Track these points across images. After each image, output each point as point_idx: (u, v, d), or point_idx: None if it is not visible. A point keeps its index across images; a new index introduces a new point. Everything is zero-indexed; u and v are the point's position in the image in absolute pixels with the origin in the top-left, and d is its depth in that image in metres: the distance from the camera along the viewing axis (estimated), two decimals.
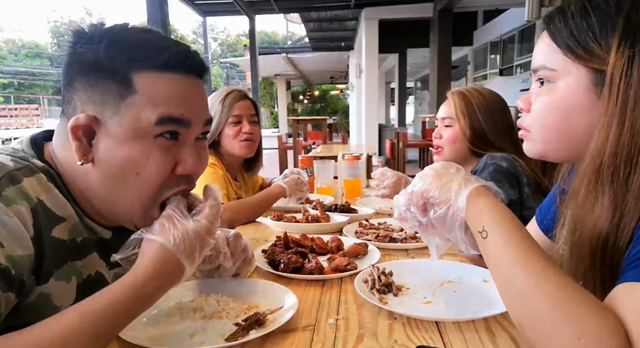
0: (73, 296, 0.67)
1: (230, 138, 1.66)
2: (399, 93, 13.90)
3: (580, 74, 0.62)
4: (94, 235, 0.72)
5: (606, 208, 0.59)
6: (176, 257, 0.62)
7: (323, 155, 4.21)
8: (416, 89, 20.93)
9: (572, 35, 0.61)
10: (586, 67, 0.61)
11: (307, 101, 26.25)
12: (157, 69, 0.64)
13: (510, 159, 1.38)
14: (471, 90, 1.50)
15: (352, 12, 8.83)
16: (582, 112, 0.62)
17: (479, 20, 10.50)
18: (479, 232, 0.62)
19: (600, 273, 0.62)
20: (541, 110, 0.68)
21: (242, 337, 0.69)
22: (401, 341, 0.69)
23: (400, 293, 0.87)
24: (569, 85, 0.63)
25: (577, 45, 0.61)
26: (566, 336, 0.49)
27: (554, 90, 0.65)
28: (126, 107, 0.63)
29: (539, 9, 3.72)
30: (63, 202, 0.66)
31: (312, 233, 1.24)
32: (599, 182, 0.60)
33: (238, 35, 51.07)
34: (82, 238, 0.68)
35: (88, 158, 0.65)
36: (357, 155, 2.01)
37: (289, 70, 17.58)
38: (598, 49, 0.59)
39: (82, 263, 0.68)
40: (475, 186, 0.65)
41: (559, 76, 0.64)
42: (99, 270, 0.72)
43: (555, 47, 0.64)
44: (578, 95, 0.62)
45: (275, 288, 0.87)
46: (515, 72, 8.68)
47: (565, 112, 0.64)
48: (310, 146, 7.84)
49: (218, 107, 1.65)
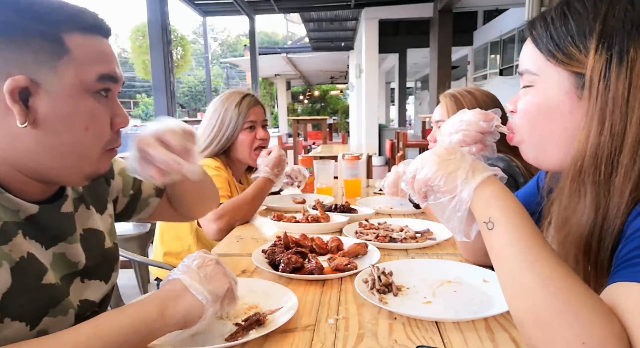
0: (9, 280, 0.63)
1: (244, 144, 1.65)
2: (399, 93, 13.90)
3: (561, 77, 0.63)
4: (16, 216, 0.68)
5: (588, 209, 0.60)
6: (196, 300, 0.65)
7: (323, 155, 4.22)
8: (416, 89, 20.93)
9: (552, 40, 0.63)
10: (567, 71, 0.62)
11: (307, 101, 26.25)
12: (83, 31, 0.67)
13: (507, 159, 1.38)
14: (463, 92, 1.50)
15: (352, 12, 8.83)
16: (564, 115, 0.63)
17: (479, 20, 10.50)
18: (484, 222, 0.60)
19: (584, 272, 0.62)
20: (526, 111, 0.69)
21: (242, 337, 0.69)
22: (401, 341, 0.69)
23: (400, 293, 0.87)
24: (551, 89, 0.64)
25: (557, 49, 0.63)
26: (570, 340, 0.49)
27: (538, 93, 0.66)
28: (64, 64, 0.65)
29: (539, 9, 3.72)
30: None
31: (312, 233, 1.24)
32: (581, 182, 0.61)
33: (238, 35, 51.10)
34: (2, 222, 0.65)
35: (29, 120, 0.64)
36: (357, 155, 2.01)
37: (289, 70, 17.57)
38: (577, 53, 0.61)
39: (10, 247, 0.65)
40: (484, 177, 0.62)
41: (542, 80, 0.66)
42: (29, 250, 0.68)
43: (538, 52, 0.66)
44: (560, 98, 0.63)
45: (276, 288, 0.87)
46: (515, 72, 8.67)
47: (547, 115, 0.65)
48: (310, 146, 7.85)
49: (233, 111, 1.62)
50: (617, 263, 0.54)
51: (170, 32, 6.03)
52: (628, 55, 0.57)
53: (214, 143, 1.63)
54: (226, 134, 1.62)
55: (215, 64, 37.89)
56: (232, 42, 50.07)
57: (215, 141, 1.63)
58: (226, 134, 1.62)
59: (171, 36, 6.22)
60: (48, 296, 0.69)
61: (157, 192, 1.07)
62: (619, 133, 0.57)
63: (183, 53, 11.59)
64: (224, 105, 1.64)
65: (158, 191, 1.08)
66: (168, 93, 5.88)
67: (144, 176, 0.79)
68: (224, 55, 44.92)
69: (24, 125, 0.63)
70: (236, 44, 47.75)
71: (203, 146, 1.62)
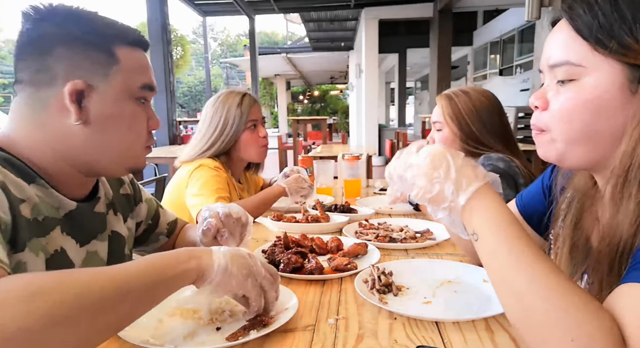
0: (43, 270, 0.68)
1: (248, 143, 1.65)
2: (399, 93, 13.89)
3: (613, 70, 0.56)
4: (56, 212, 0.74)
5: (632, 213, 0.55)
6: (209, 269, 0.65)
7: (323, 155, 4.21)
8: (416, 89, 20.93)
9: (602, 27, 0.56)
10: (620, 62, 0.55)
11: (307, 101, 26.24)
12: (129, 44, 0.79)
13: (506, 159, 1.38)
14: (458, 93, 1.49)
15: (352, 12, 8.83)
16: (614, 112, 0.57)
17: (479, 20, 10.50)
18: (471, 235, 0.61)
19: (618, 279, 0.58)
20: (565, 109, 0.61)
21: (242, 336, 0.69)
22: (401, 341, 0.69)
23: (400, 293, 0.87)
24: (600, 82, 0.57)
25: (610, 39, 0.55)
26: (560, 337, 0.49)
27: (582, 88, 0.59)
28: (114, 73, 0.76)
29: (539, 9, 3.72)
30: (20, 184, 0.68)
31: (312, 234, 1.24)
32: (626, 185, 0.56)
33: (238, 35, 51.05)
34: (43, 217, 0.70)
35: (82, 118, 0.73)
36: (357, 155, 2.01)
37: (289, 70, 17.57)
38: (634, 43, 0.54)
39: (47, 240, 0.71)
40: (469, 194, 0.60)
41: (587, 72, 0.58)
42: (62, 246, 0.74)
43: (581, 40, 0.58)
44: (611, 93, 0.56)
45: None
46: (515, 72, 8.68)
47: (595, 112, 0.58)
48: (310, 146, 7.85)
49: (236, 112, 1.61)
50: (631, 264, 0.53)
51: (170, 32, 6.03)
52: None
53: (217, 144, 1.63)
54: (230, 134, 1.62)
55: (215, 64, 37.87)
56: (232, 42, 50.03)
57: (218, 142, 1.62)
58: (230, 134, 1.62)
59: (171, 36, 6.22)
60: None
61: (168, 232, 1.12)
62: None
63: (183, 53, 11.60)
64: (225, 106, 1.63)
65: (169, 232, 1.12)
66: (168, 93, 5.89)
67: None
68: (223, 55, 44.86)
69: (77, 123, 0.73)
70: (236, 44, 47.72)
71: (205, 147, 1.62)
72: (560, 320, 0.49)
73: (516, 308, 0.54)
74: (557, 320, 0.49)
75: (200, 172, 1.52)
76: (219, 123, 1.62)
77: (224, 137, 1.62)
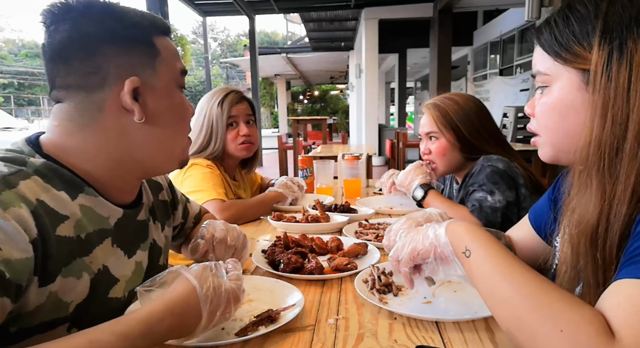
0: (86, 291, 0.66)
1: (230, 140, 1.66)
2: (399, 93, 13.89)
3: (570, 75, 0.66)
4: (106, 223, 0.72)
5: (594, 197, 0.62)
6: (199, 306, 0.63)
7: (323, 155, 4.21)
8: (416, 89, 20.92)
9: (557, 41, 0.67)
10: (575, 68, 0.66)
11: (307, 101, 26.24)
12: (161, 33, 0.76)
13: (505, 160, 1.38)
14: (445, 101, 1.49)
15: (352, 12, 8.82)
16: (577, 111, 0.66)
17: (479, 20, 10.49)
18: (462, 253, 0.67)
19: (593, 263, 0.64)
20: (542, 111, 0.72)
21: (252, 332, 0.70)
22: (401, 341, 0.69)
23: (400, 293, 0.87)
24: (562, 87, 0.68)
25: (563, 49, 0.67)
26: (549, 331, 0.52)
27: (551, 93, 0.70)
28: (159, 65, 0.74)
29: (539, 9, 3.73)
30: (63, 200, 0.66)
31: (312, 233, 1.24)
32: (587, 173, 0.63)
33: (238, 35, 51.09)
34: (86, 233, 0.68)
35: (142, 115, 0.72)
36: (357, 155, 2.01)
37: (289, 70, 17.57)
38: (582, 51, 0.64)
39: (90, 259, 0.68)
40: (447, 222, 0.71)
41: (553, 80, 0.69)
42: (105, 262, 0.71)
43: (546, 54, 0.70)
44: (571, 95, 0.67)
45: (280, 286, 0.88)
46: (515, 72, 8.67)
47: (562, 113, 0.68)
48: (310, 146, 7.84)
49: (217, 110, 1.62)
50: (624, 259, 0.56)
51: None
52: (627, 47, 0.59)
53: (211, 144, 1.63)
54: (219, 134, 1.63)
55: (215, 64, 37.85)
56: (232, 42, 50.05)
57: (212, 142, 1.63)
58: (219, 133, 1.63)
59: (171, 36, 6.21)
60: (112, 309, 0.71)
61: (194, 224, 1.12)
62: (622, 121, 0.59)
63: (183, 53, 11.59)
64: (209, 104, 1.65)
65: (195, 223, 1.12)
66: None
67: None
68: (223, 55, 44.88)
69: (141, 121, 0.71)
70: (236, 44, 47.72)
71: (199, 149, 1.63)
72: (548, 315, 0.53)
73: (507, 311, 0.59)
74: (545, 315, 0.53)
75: (194, 171, 1.54)
76: (204, 121, 1.64)
77: (215, 136, 1.63)
